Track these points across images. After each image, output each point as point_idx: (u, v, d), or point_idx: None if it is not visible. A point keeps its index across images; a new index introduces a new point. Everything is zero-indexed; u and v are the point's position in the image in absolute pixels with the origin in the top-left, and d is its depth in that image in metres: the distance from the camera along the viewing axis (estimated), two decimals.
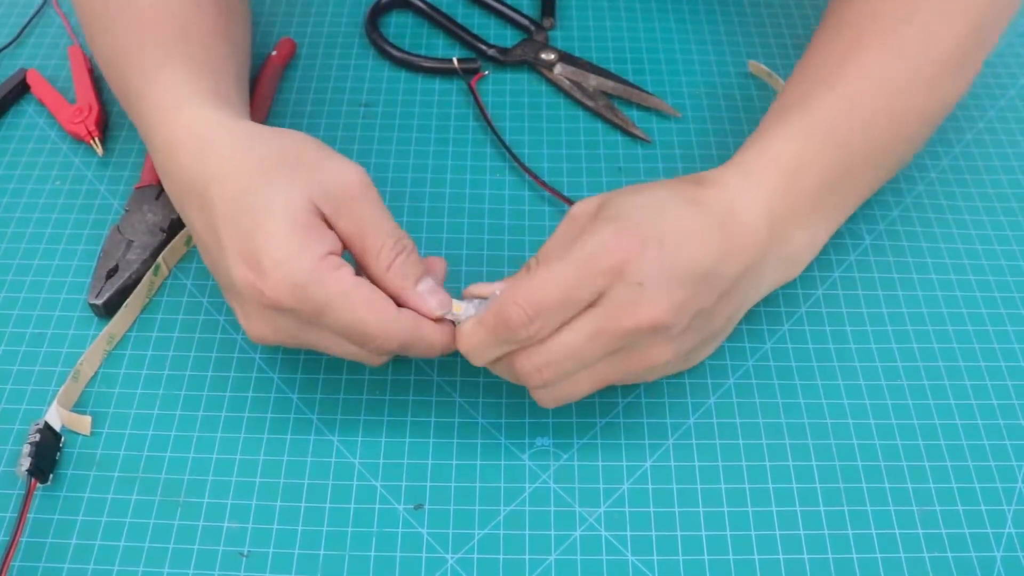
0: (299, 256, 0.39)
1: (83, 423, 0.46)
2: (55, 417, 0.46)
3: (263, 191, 0.40)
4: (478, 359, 0.41)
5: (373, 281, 0.41)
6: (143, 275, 0.51)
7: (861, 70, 0.46)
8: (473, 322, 0.41)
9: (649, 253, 0.39)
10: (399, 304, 0.41)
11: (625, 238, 0.39)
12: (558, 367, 0.40)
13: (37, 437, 0.44)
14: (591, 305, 0.39)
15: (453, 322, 0.42)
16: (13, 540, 0.42)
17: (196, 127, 0.43)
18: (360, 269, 0.42)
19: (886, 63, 0.47)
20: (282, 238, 0.39)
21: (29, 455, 0.43)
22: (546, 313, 0.39)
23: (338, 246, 0.40)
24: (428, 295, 0.42)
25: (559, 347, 0.39)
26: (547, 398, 0.42)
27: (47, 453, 0.44)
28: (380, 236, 0.41)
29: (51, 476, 0.45)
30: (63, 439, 0.46)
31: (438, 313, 0.41)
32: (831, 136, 0.45)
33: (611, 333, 0.39)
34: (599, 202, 0.42)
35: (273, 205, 0.39)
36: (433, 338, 0.41)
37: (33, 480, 0.43)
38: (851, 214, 0.49)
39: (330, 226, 0.41)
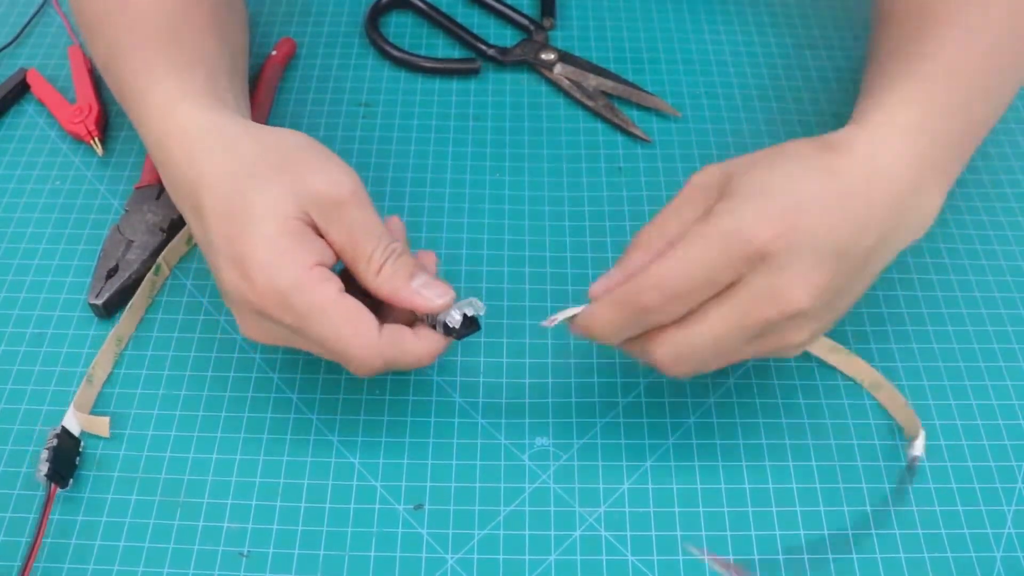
0: (285, 263, 0.38)
1: (101, 425, 0.46)
2: (73, 422, 0.45)
3: (251, 194, 0.39)
4: (607, 340, 0.40)
5: (367, 288, 0.41)
6: (143, 275, 0.51)
7: (951, 40, 0.45)
8: (605, 303, 0.39)
9: (792, 235, 0.37)
10: (396, 306, 0.41)
11: (767, 220, 0.37)
12: (696, 357, 0.39)
13: (55, 442, 0.44)
14: (729, 287, 0.38)
15: (437, 324, 0.41)
16: (33, 547, 0.42)
17: (189, 127, 0.43)
18: (352, 278, 0.41)
19: (980, 22, 0.45)
20: (268, 244, 0.38)
21: (47, 460, 0.43)
22: (682, 299, 0.37)
23: (327, 256, 0.40)
24: (423, 289, 0.41)
25: (699, 338, 0.38)
26: (679, 374, 0.40)
27: (66, 457, 0.44)
28: (370, 241, 0.40)
29: (70, 481, 0.44)
30: (83, 443, 0.46)
31: (439, 303, 0.40)
32: (949, 102, 0.43)
33: (752, 323, 0.38)
34: (723, 172, 0.40)
35: (261, 209, 0.39)
36: (417, 350, 0.40)
37: (53, 485, 0.43)
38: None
39: (320, 234, 0.40)
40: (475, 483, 0.45)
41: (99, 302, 0.50)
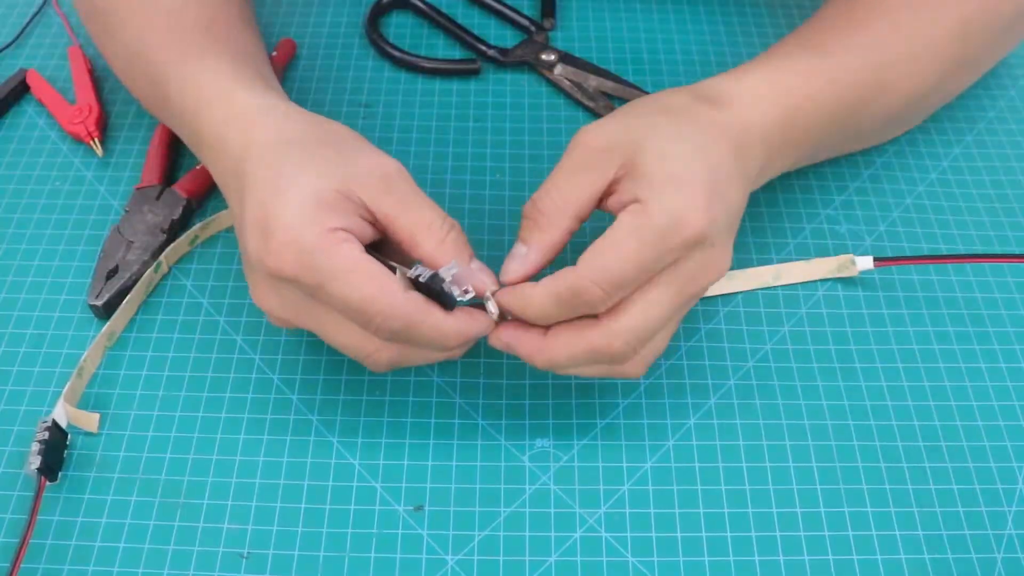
0: (308, 224, 0.38)
1: (91, 420, 0.46)
2: (62, 414, 0.45)
3: (296, 166, 0.40)
4: (539, 323, 0.41)
5: (422, 256, 0.40)
6: (143, 276, 0.51)
7: (866, 38, 0.49)
8: (543, 293, 0.39)
9: (715, 212, 0.39)
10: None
11: (694, 204, 0.39)
12: (648, 337, 0.40)
13: (46, 435, 0.44)
14: (665, 271, 0.39)
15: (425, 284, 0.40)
16: (24, 541, 0.42)
17: (248, 109, 0.43)
18: (405, 251, 0.41)
19: (884, 39, 0.50)
20: (296, 207, 0.38)
21: (39, 453, 0.43)
22: (624, 288, 0.39)
23: (360, 229, 0.40)
24: (480, 272, 0.41)
25: (644, 318, 0.40)
26: (639, 369, 0.42)
27: (55, 451, 0.44)
28: (428, 212, 0.41)
29: (59, 474, 0.45)
30: (69, 436, 0.46)
31: (493, 289, 0.41)
32: (834, 82, 0.47)
33: (692, 293, 0.41)
34: (618, 140, 0.41)
35: (300, 179, 0.39)
36: (443, 323, 0.39)
37: (43, 479, 0.43)
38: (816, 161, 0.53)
39: (370, 212, 0.40)
40: (475, 484, 0.45)
41: (99, 303, 0.50)
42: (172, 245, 0.52)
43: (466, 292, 0.40)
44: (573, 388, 0.48)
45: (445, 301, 0.40)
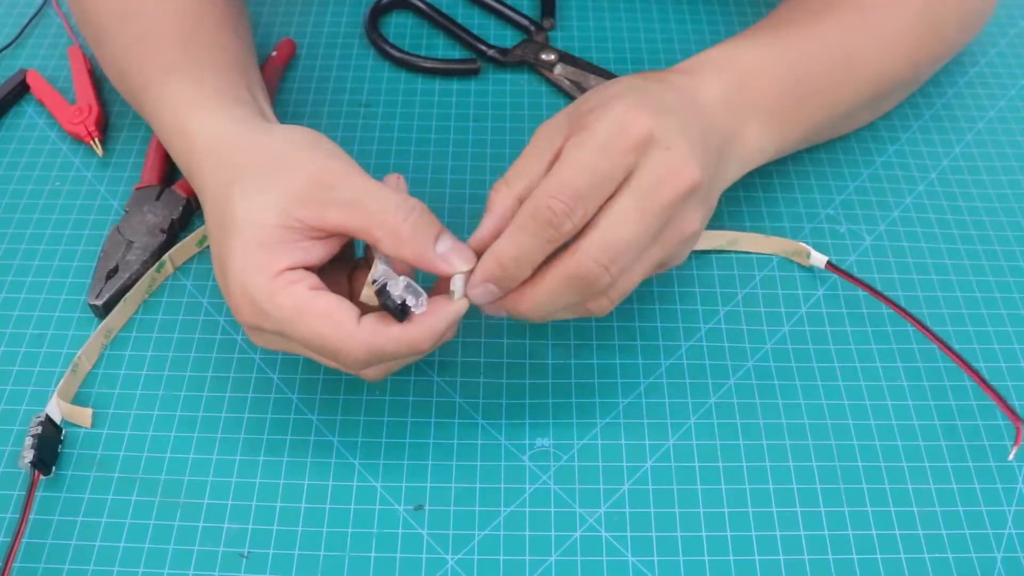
0: (254, 273, 0.39)
1: (84, 416, 0.46)
2: (55, 409, 0.45)
3: (234, 206, 0.40)
4: (522, 271, 0.39)
5: (391, 254, 0.39)
6: (143, 276, 0.51)
7: (828, 25, 0.50)
8: (511, 230, 0.38)
9: (663, 118, 0.39)
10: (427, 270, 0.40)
11: (639, 109, 0.39)
12: (620, 259, 0.39)
13: (39, 429, 0.44)
14: (627, 181, 0.39)
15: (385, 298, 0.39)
16: (17, 535, 0.42)
17: (204, 132, 0.44)
18: (371, 248, 0.41)
19: (847, 29, 0.51)
20: (242, 255, 0.39)
21: (32, 447, 0.43)
22: (584, 198, 0.38)
23: (311, 256, 0.39)
24: (452, 255, 0.39)
25: (614, 236, 0.38)
26: (608, 303, 0.41)
27: (49, 445, 0.44)
28: (379, 203, 0.39)
29: (53, 469, 0.45)
30: (64, 432, 0.46)
31: (462, 269, 0.39)
32: (789, 57, 0.48)
33: (659, 204, 0.39)
34: (565, 115, 0.42)
35: (240, 221, 0.39)
36: (407, 336, 0.39)
37: (37, 472, 0.43)
38: (796, 147, 0.52)
39: (318, 230, 0.39)
40: (475, 484, 0.45)
41: (99, 303, 0.50)
42: (178, 245, 0.52)
43: (420, 304, 0.39)
44: (573, 388, 0.48)
45: (400, 313, 0.39)
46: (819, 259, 0.52)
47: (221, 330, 0.50)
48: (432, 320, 0.39)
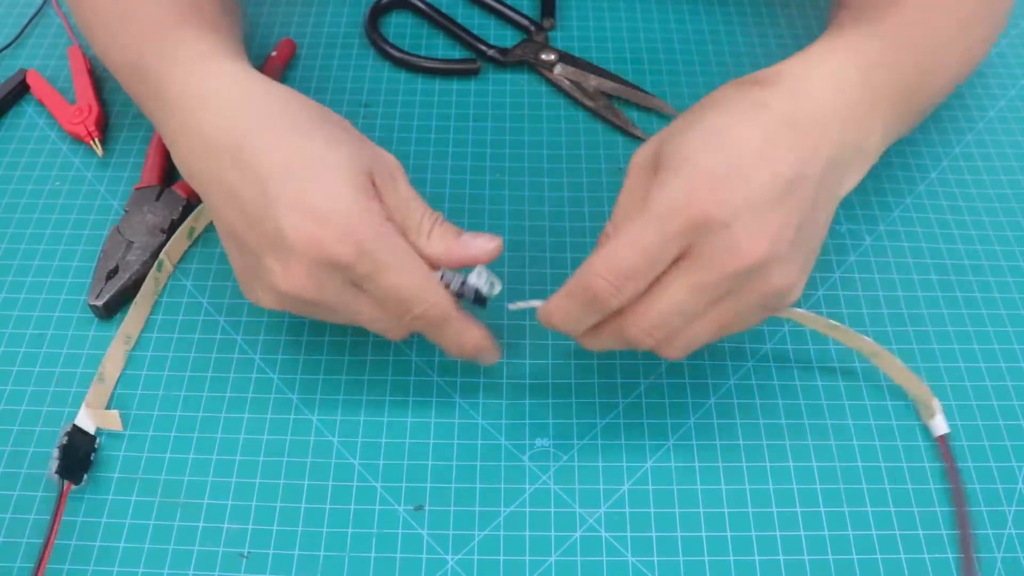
0: (365, 215, 0.39)
1: (112, 419, 0.46)
2: (86, 419, 0.45)
3: (324, 148, 0.40)
4: (569, 330, 0.41)
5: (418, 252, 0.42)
6: (143, 276, 0.51)
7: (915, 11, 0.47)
8: (560, 296, 0.40)
9: (725, 192, 0.37)
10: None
11: (696, 186, 0.37)
12: (666, 326, 0.39)
13: (66, 440, 0.44)
14: (683, 257, 0.38)
15: (466, 291, 0.42)
16: (48, 542, 0.42)
17: (227, 80, 0.43)
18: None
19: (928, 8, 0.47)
20: (350, 195, 0.39)
21: (58, 457, 0.43)
22: (633, 278, 0.38)
23: (389, 216, 0.41)
24: (474, 239, 0.42)
25: (661, 307, 0.38)
26: (672, 352, 0.41)
27: (79, 455, 0.44)
28: (419, 208, 0.42)
29: (85, 476, 0.45)
30: (98, 440, 0.46)
31: (492, 246, 0.42)
32: (902, 43, 0.45)
33: (711, 283, 0.38)
34: (656, 144, 0.41)
35: (337, 163, 0.40)
36: (467, 325, 0.42)
37: (66, 482, 0.43)
38: (906, 133, 0.48)
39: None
40: (475, 484, 0.45)
41: (99, 303, 0.50)
42: (170, 242, 0.52)
43: (492, 286, 0.43)
44: (573, 388, 0.48)
45: (479, 302, 0.43)
46: (940, 425, 0.46)
47: (221, 330, 0.50)
48: (485, 335, 0.43)
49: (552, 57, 0.62)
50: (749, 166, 0.37)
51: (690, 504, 0.44)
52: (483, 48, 0.63)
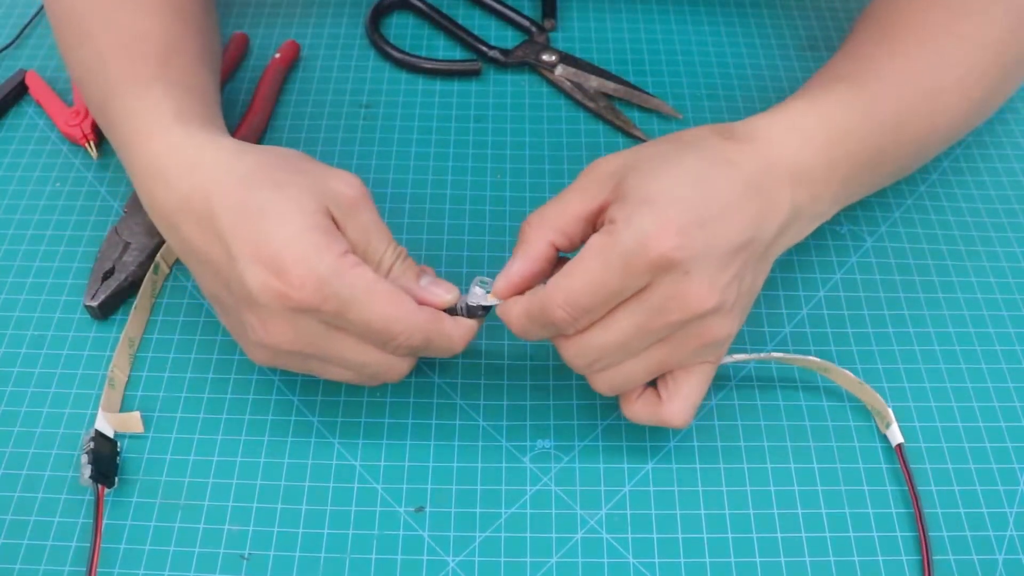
0: (320, 253, 0.38)
1: (133, 421, 0.46)
2: (105, 424, 0.45)
3: (272, 195, 0.40)
4: (531, 338, 0.42)
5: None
6: (140, 277, 0.51)
7: (904, 66, 0.47)
8: (520, 310, 0.41)
9: (691, 238, 0.37)
10: None
11: (665, 227, 0.37)
12: (606, 360, 0.40)
13: (92, 445, 0.44)
14: (635, 297, 0.39)
15: (461, 310, 0.43)
16: (94, 546, 0.42)
17: (186, 145, 0.43)
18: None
19: (926, 65, 0.47)
20: (302, 237, 0.39)
21: (88, 463, 0.43)
22: (591, 313, 0.39)
23: (350, 247, 0.40)
24: (433, 287, 0.42)
25: (606, 341, 0.40)
26: (602, 386, 0.42)
27: (106, 459, 0.44)
28: (381, 243, 0.42)
29: (116, 479, 0.45)
30: (120, 444, 0.46)
31: (448, 298, 0.42)
32: (875, 112, 0.45)
33: (658, 326, 0.39)
34: (625, 161, 0.41)
35: (286, 207, 0.39)
36: (453, 333, 0.42)
37: (101, 486, 0.43)
38: (872, 192, 0.49)
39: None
40: (476, 485, 0.45)
41: (94, 304, 0.50)
42: (166, 244, 0.52)
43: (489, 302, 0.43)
44: (574, 389, 0.48)
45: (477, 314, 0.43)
46: (895, 435, 0.46)
47: (222, 332, 0.50)
48: (470, 328, 0.43)
49: (553, 58, 0.62)
50: (717, 219, 0.38)
51: (691, 506, 0.44)
52: (484, 49, 0.63)
